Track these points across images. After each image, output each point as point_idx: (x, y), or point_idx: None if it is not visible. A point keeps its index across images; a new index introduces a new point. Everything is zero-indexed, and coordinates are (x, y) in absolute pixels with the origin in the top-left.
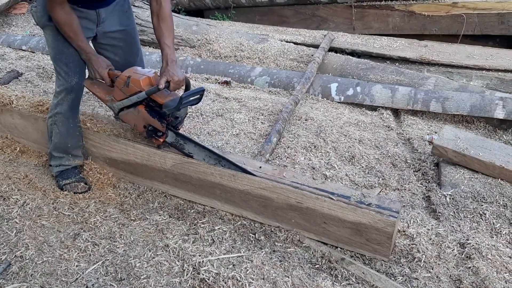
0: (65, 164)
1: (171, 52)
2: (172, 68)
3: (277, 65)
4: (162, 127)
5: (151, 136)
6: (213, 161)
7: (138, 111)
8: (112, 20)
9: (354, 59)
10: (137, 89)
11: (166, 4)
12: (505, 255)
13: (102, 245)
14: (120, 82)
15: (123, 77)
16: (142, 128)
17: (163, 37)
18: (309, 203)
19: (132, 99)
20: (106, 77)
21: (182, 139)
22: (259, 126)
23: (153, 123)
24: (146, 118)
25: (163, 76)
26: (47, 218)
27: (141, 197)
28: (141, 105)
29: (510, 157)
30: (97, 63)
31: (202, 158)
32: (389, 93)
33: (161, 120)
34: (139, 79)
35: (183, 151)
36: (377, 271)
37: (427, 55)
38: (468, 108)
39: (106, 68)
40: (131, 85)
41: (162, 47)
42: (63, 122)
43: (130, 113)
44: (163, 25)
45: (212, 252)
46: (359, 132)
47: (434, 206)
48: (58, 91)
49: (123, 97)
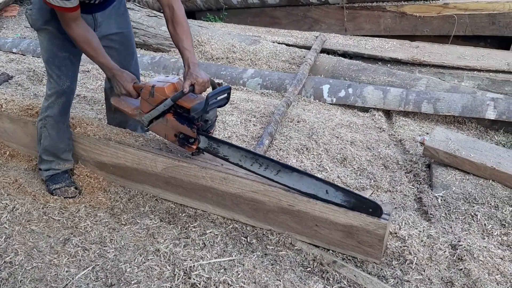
0: (55, 168)
1: (191, 56)
2: (194, 71)
3: (269, 66)
4: (193, 133)
5: (184, 144)
6: (250, 161)
7: (166, 120)
8: (109, 23)
9: (346, 61)
10: (163, 97)
11: (179, 8)
12: (497, 257)
13: (92, 250)
14: (146, 93)
15: (148, 87)
16: (173, 137)
17: (181, 41)
18: (301, 206)
19: (159, 108)
20: (132, 91)
21: (215, 143)
22: (251, 128)
23: (183, 130)
24: (176, 125)
25: (187, 79)
26: (36, 223)
27: (131, 201)
28: (169, 114)
29: (501, 158)
30: (122, 78)
31: (238, 159)
32: (380, 95)
33: (190, 125)
34: (164, 87)
35: (218, 155)
36: (369, 274)
37: (419, 56)
38: (459, 109)
39: (131, 81)
40: (156, 94)
41: (181, 52)
42: (53, 125)
43: (160, 124)
44: (179, 30)
45: (203, 256)
46: (351, 133)
47: (426, 208)
48: (49, 94)
49: (150, 108)
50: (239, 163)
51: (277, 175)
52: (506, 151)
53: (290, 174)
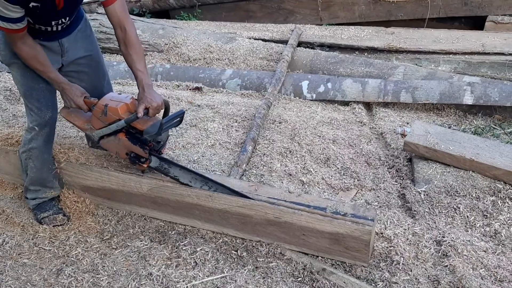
0: (42, 196)
1: (145, 77)
2: (149, 94)
3: (247, 65)
4: (145, 153)
5: (134, 162)
6: (199, 183)
7: (119, 139)
8: (75, 47)
9: (323, 53)
10: (116, 118)
11: (130, 29)
12: (480, 250)
13: (85, 280)
14: (98, 111)
15: (100, 105)
16: (124, 155)
17: (134, 63)
18: (287, 217)
19: (111, 127)
20: (82, 105)
21: (166, 163)
22: (233, 134)
23: (135, 149)
24: (128, 145)
25: (141, 103)
26: (28, 256)
27: (120, 223)
28: (121, 133)
29: (479, 148)
30: (71, 92)
31: (188, 180)
32: (359, 87)
33: (142, 146)
34: (117, 107)
35: (169, 175)
36: (358, 278)
37: (395, 43)
38: (437, 96)
39: (81, 96)
40: (109, 113)
41: (135, 73)
42: (38, 156)
43: (111, 141)
44: (132, 51)
45: (195, 275)
46: (332, 131)
47: (409, 204)
48: (31, 126)
49: (102, 126)
50: (189, 184)
51: None
52: (484, 141)
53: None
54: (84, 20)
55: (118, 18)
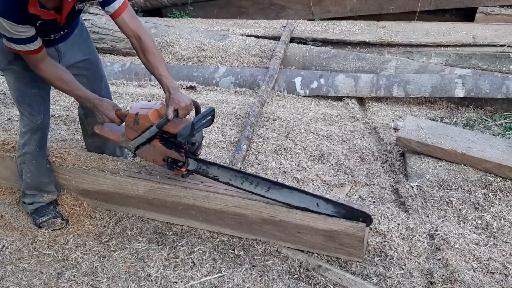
0: (39, 201)
1: (169, 81)
2: (176, 96)
3: (240, 62)
4: (181, 157)
5: (173, 167)
6: (240, 180)
7: (154, 146)
8: (72, 52)
9: (316, 49)
10: (148, 124)
11: (145, 37)
12: (472, 242)
13: (85, 283)
14: (130, 121)
15: (131, 115)
16: (162, 162)
17: (156, 69)
18: (282, 216)
19: (144, 135)
20: (115, 118)
21: (204, 164)
22: (228, 133)
23: (171, 154)
24: (163, 151)
25: (170, 105)
26: (28, 260)
27: (118, 225)
28: (155, 139)
29: (470, 142)
30: (102, 106)
31: (228, 179)
32: (352, 82)
33: (178, 150)
34: (148, 114)
35: (208, 175)
36: (353, 274)
37: (386, 37)
38: (429, 89)
39: (113, 109)
40: (140, 121)
41: (158, 79)
42: (32, 161)
43: (147, 149)
44: (151, 58)
45: (193, 276)
46: (326, 127)
47: (403, 199)
48: (24, 131)
49: (136, 135)
50: (229, 182)
51: (268, 191)
52: (475, 134)
53: (280, 190)
54: (80, 25)
55: (130, 28)
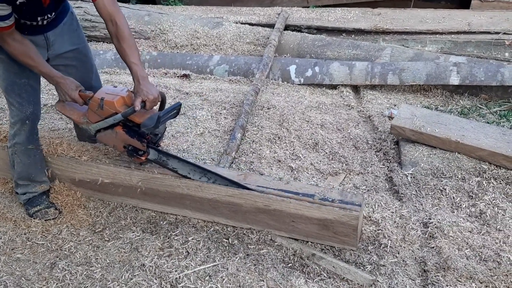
0: (32, 191)
1: (139, 69)
2: (145, 86)
3: (235, 50)
4: (143, 146)
5: (132, 155)
6: (198, 175)
7: (116, 133)
8: (62, 41)
9: (310, 36)
10: (112, 111)
11: (121, 22)
12: (465, 230)
13: (79, 272)
14: (94, 105)
15: (96, 99)
16: (122, 148)
17: (128, 56)
18: (276, 205)
19: (108, 121)
20: (78, 99)
21: (164, 156)
22: (222, 122)
23: (132, 143)
24: (125, 138)
25: (138, 96)
26: (21, 251)
27: (112, 214)
28: (118, 126)
29: (464, 130)
30: (65, 85)
31: (187, 172)
32: (347, 70)
33: (140, 139)
34: (113, 101)
35: (167, 167)
36: (347, 262)
37: (381, 24)
38: (424, 77)
39: (76, 89)
40: (105, 107)
41: (129, 66)
42: (23, 151)
43: (108, 135)
44: (125, 44)
45: (187, 265)
46: (320, 115)
47: (397, 187)
48: (13, 122)
49: (98, 119)
50: (187, 175)
51: None
52: (469, 122)
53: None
54: (70, 14)
55: (107, 12)
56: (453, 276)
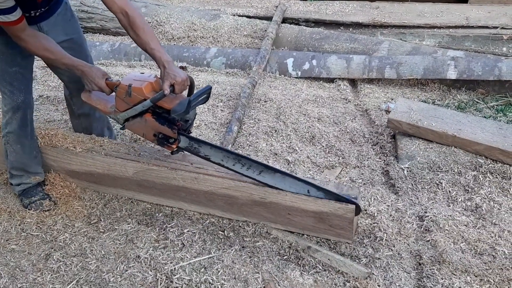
0: (26, 182)
1: (163, 55)
2: (171, 70)
3: (232, 42)
4: (174, 134)
5: (163, 144)
6: (232, 161)
7: (145, 120)
8: (56, 31)
9: (308, 30)
10: (141, 98)
11: (133, 12)
12: (461, 224)
13: (74, 264)
14: (121, 92)
15: (124, 86)
16: (152, 137)
17: (147, 44)
18: (272, 198)
19: (137, 108)
20: (105, 87)
21: (196, 143)
22: (219, 114)
23: (163, 130)
24: (155, 126)
25: (166, 80)
26: (16, 242)
27: (107, 206)
28: (147, 114)
29: (461, 124)
30: (91, 74)
31: (220, 159)
32: (344, 64)
33: (171, 126)
34: (141, 87)
35: (199, 154)
36: (342, 255)
37: (379, 18)
38: (421, 71)
39: (103, 77)
40: (133, 94)
41: (151, 54)
42: (16, 140)
43: (137, 123)
44: (141, 33)
45: (183, 257)
46: (317, 109)
47: (393, 181)
48: (5, 110)
49: (127, 108)
50: (221, 162)
51: (259, 175)
52: (466, 116)
53: (273, 174)
54: (64, 4)
55: (117, 4)
56: (448, 270)
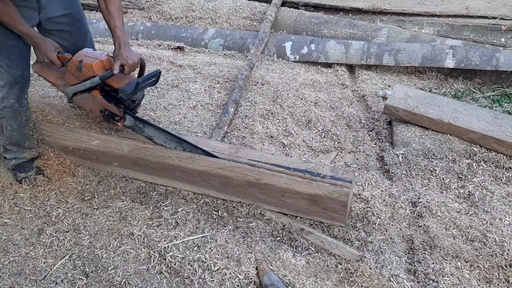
0: (20, 157)
1: (122, 34)
2: (125, 51)
3: (230, 24)
4: (120, 112)
5: (109, 120)
6: (174, 144)
7: (93, 96)
8: (54, 5)
9: (307, 14)
10: (90, 74)
11: None
12: (454, 211)
13: (67, 239)
14: (72, 67)
15: (75, 61)
16: (98, 113)
17: (112, 19)
18: (267, 179)
19: (85, 84)
20: (56, 61)
21: (141, 123)
22: (215, 95)
23: (109, 108)
24: (102, 103)
25: (117, 59)
26: (9, 216)
27: (101, 183)
28: (95, 90)
29: (457, 112)
30: (44, 46)
31: (163, 141)
32: (343, 49)
33: (117, 104)
34: (92, 63)
35: (143, 134)
36: (335, 238)
37: (379, 4)
38: (419, 59)
39: (55, 50)
40: (83, 69)
41: (112, 30)
42: (12, 115)
43: (85, 98)
44: (111, 7)
45: (176, 235)
46: (314, 93)
47: (387, 167)
48: (1, 84)
49: (76, 82)
50: (163, 144)
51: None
52: (462, 104)
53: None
54: None
55: None
56: (439, 255)
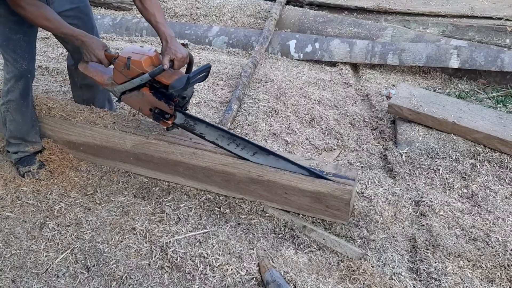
0: (23, 150)
1: (166, 29)
2: (173, 45)
3: (235, 22)
4: (170, 109)
5: (159, 119)
6: (226, 141)
7: (142, 94)
8: None
9: (312, 12)
10: (139, 71)
11: None
12: (457, 210)
13: (69, 233)
14: (120, 64)
15: (122, 58)
16: (148, 112)
17: (153, 16)
18: (270, 176)
19: (134, 81)
20: (104, 59)
21: (192, 120)
22: (219, 92)
23: (159, 105)
24: (152, 100)
25: (166, 54)
26: (11, 209)
27: (104, 178)
28: (145, 88)
29: (462, 112)
30: (91, 44)
31: (215, 138)
32: (347, 48)
33: (168, 101)
34: (141, 60)
35: (194, 132)
36: (337, 236)
37: (384, 4)
38: (424, 59)
39: (102, 49)
40: (132, 67)
41: (156, 27)
42: (16, 109)
43: (134, 96)
44: (148, 4)
45: (178, 231)
46: (318, 91)
47: (391, 165)
48: (7, 77)
49: (125, 80)
50: (215, 141)
51: (253, 156)
52: (467, 104)
53: (266, 156)
54: None
55: None
56: (441, 254)
